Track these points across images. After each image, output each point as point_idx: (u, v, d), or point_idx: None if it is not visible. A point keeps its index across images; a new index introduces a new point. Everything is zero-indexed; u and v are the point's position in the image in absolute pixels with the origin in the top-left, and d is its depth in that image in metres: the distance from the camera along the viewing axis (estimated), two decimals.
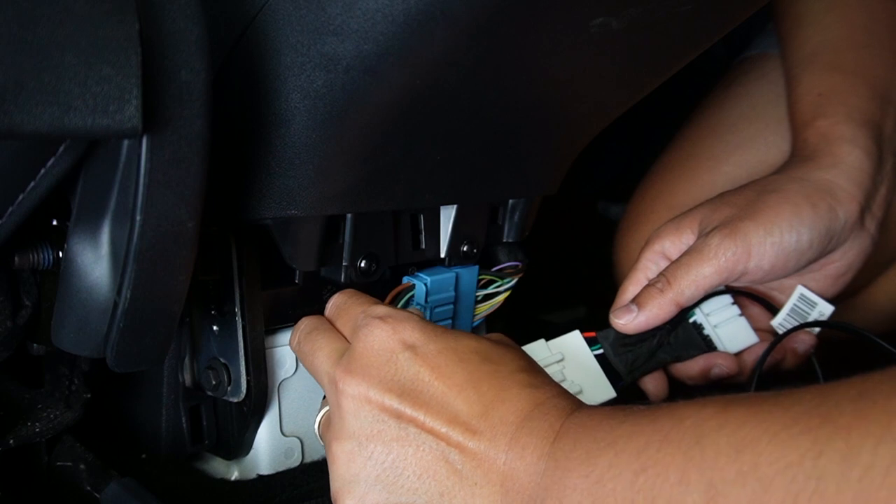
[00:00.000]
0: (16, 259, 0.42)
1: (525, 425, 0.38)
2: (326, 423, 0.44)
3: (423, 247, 0.55)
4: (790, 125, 0.61)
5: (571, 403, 0.39)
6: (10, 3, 0.30)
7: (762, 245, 0.52)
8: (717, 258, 0.52)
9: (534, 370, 0.42)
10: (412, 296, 0.53)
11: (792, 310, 0.57)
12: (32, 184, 0.36)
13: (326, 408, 0.45)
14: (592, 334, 0.56)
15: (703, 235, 0.54)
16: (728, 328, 0.57)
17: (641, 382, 0.58)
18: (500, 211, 0.59)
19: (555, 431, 0.37)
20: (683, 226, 0.56)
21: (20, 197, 0.37)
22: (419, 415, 0.39)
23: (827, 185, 0.54)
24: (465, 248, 0.56)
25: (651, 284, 0.54)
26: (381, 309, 0.44)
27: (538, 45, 0.43)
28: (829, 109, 0.57)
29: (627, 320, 0.54)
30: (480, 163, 0.52)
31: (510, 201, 0.58)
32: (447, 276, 0.55)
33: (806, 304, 0.57)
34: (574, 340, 0.56)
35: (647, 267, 0.57)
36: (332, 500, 0.41)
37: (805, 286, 0.56)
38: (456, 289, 0.55)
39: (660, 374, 0.58)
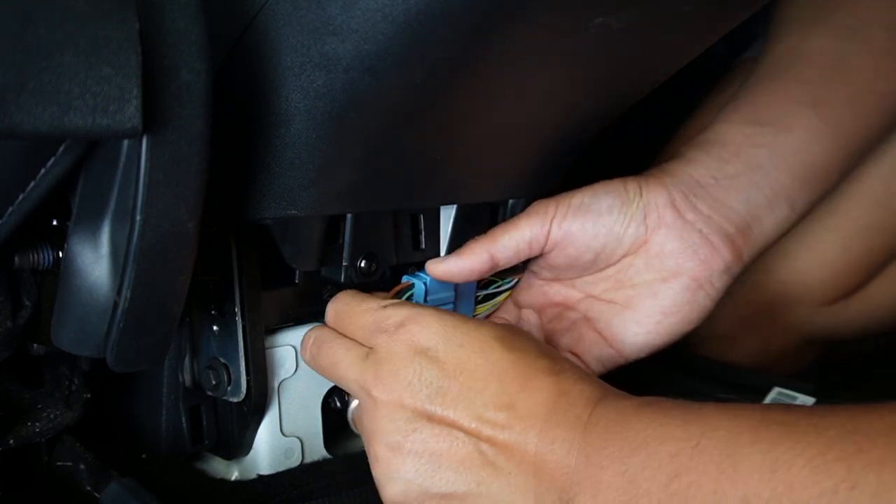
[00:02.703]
0: (16, 259, 0.42)
1: (552, 417, 0.39)
2: (361, 418, 0.45)
3: (423, 247, 0.55)
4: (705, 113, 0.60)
5: (595, 389, 0.40)
6: (10, 3, 0.30)
7: (566, 200, 0.53)
8: (529, 210, 0.53)
9: (553, 356, 0.43)
10: (411, 294, 0.53)
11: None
12: (32, 184, 0.36)
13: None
14: None
15: None
16: None
17: None
18: (500, 211, 0.59)
19: (582, 423, 0.38)
20: None
21: (20, 197, 0.37)
22: (448, 413, 0.41)
23: (648, 173, 0.54)
24: None
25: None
26: (396, 312, 0.45)
27: (538, 45, 0.43)
28: (731, 114, 0.56)
29: (437, 263, 0.53)
30: (480, 163, 0.52)
31: (510, 201, 0.58)
32: None
33: (786, 398, 0.58)
34: None
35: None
36: (378, 488, 0.44)
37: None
38: (456, 288, 0.55)
39: None
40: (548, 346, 0.44)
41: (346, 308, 0.48)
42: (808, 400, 0.57)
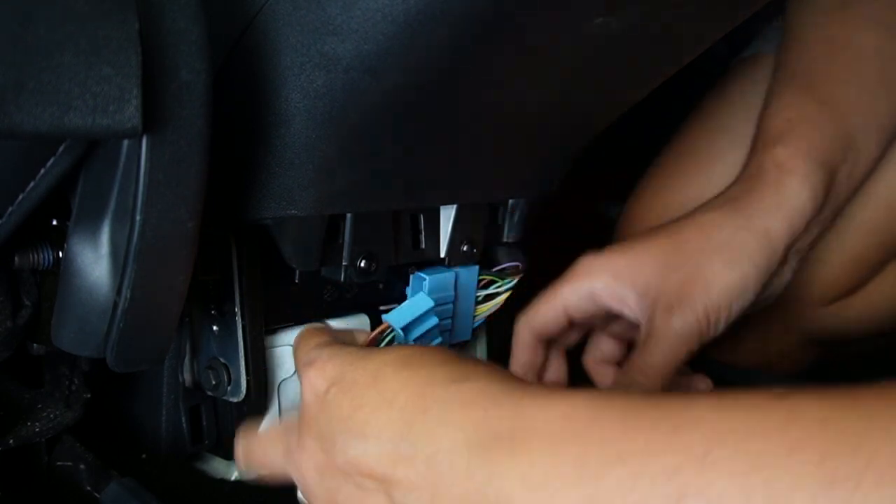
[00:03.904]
0: (16, 259, 0.42)
1: (464, 437, 0.31)
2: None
3: (423, 247, 0.55)
4: (754, 136, 0.60)
5: (506, 387, 0.32)
6: (10, 3, 0.30)
7: (719, 314, 0.52)
8: (683, 340, 0.51)
9: (455, 361, 0.36)
10: (392, 337, 0.51)
11: None
12: (32, 184, 0.36)
13: None
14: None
15: (663, 315, 0.51)
16: None
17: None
18: (500, 211, 0.59)
19: (510, 438, 0.30)
20: (624, 282, 0.53)
21: (20, 197, 0.37)
22: (356, 463, 0.34)
23: (766, 234, 0.53)
24: (465, 248, 0.56)
25: (628, 381, 0.51)
26: (312, 353, 0.41)
27: (538, 45, 0.43)
28: (792, 138, 0.56)
29: None
30: (480, 163, 0.52)
31: (510, 201, 0.58)
32: (446, 275, 0.55)
33: None
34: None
35: (569, 297, 0.54)
36: None
37: None
38: (455, 288, 0.55)
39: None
40: (453, 353, 0.37)
41: (297, 343, 0.48)
42: None
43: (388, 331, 0.51)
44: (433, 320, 0.54)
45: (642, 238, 0.55)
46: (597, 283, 0.54)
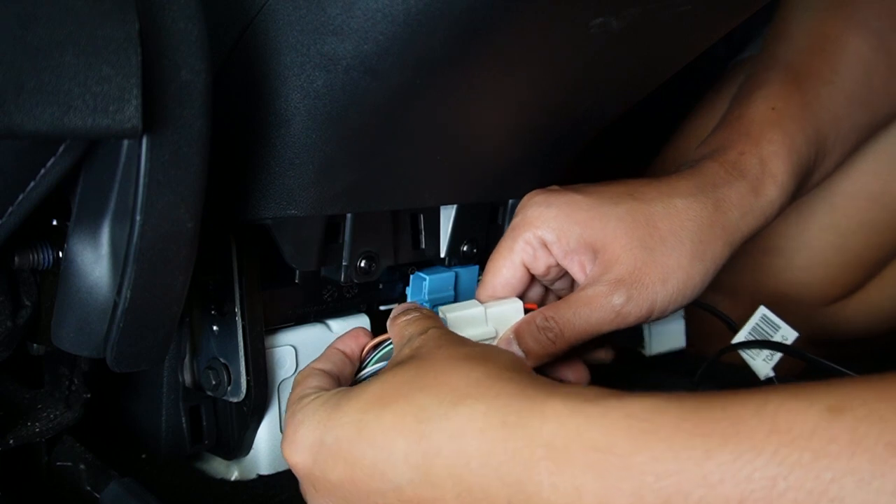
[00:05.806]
0: (16, 259, 0.42)
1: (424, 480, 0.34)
2: None
3: (423, 247, 0.55)
4: (735, 111, 0.57)
5: (479, 421, 0.34)
6: (10, 2, 0.30)
7: (665, 308, 0.50)
8: (619, 318, 0.49)
9: (424, 401, 0.36)
10: (390, 348, 0.48)
11: (753, 329, 0.55)
12: (32, 184, 0.36)
13: None
14: (534, 307, 0.51)
15: (609, 288, 0.48)
16: (664, 327, 0.55)
17: (558, 372, 0.53)
18: (500, 211, 0.59)
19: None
20: (585, 240, 0.50)
21: (20, 197, 0.37)
22: None
23: (735, 232, 0.51)
24: (465, 248, 0.56)
25: (542, 329, 0.49)
26: (293, 418, 0.42)
27: (538, 45, 0.43)
28: (776, 134, 0.54)
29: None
30: (480, 163, 0.52)
31: (510, 201, 0.58)
32: (446, 275, 0.55)
33: (768, 325, 0.55)
34: (513, 311, 0.51)
35: (525, 250, 0.51)
36: None
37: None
38: (455, 288, 0.55)
39: (578, 363, 0.54)
40: (424, 382, 0.37)
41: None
42: (791, 333, 0.55)
43: (388, 342, 0.48)
44: (451, 293, 0.54)
45: (604, 195, 0.51)
46: (548, 235, 0.50)
